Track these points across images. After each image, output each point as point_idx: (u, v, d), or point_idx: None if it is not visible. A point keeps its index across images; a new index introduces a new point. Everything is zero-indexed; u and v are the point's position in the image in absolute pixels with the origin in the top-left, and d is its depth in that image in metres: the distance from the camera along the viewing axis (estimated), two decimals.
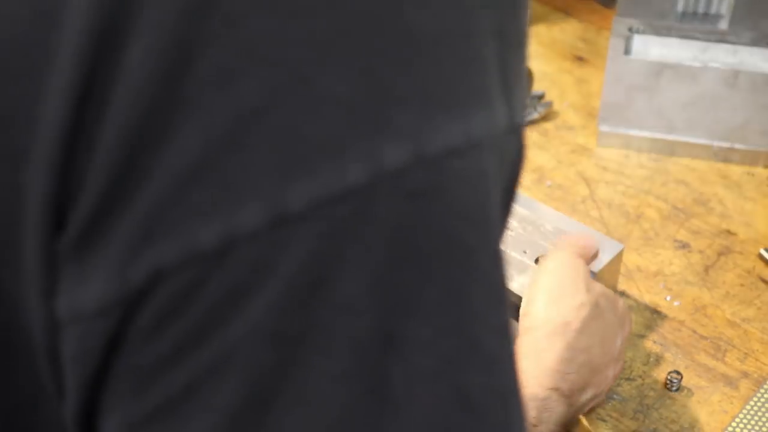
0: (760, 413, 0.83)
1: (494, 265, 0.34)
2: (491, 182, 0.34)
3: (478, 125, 0.33)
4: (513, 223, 0.85)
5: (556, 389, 0.68)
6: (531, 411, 0.66)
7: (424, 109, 0.32)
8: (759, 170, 1.09)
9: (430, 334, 0.32)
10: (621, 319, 0.75)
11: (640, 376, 0.86)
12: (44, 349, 0.34)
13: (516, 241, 0.84)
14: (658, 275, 0.96)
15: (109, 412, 0.33)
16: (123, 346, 0.32)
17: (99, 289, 0.32)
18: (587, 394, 0.71)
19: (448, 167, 0.32)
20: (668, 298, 0.93)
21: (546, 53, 1.27)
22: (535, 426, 0.66)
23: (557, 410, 0.68)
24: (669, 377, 0.84)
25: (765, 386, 0.85)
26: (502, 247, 0.36)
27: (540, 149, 1.12)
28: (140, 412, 0.32)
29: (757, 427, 0.81)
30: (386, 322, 0.32)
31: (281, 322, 0.31)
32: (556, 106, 1.17)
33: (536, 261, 0.84)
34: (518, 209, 0.87)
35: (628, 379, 0.85)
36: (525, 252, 0.82)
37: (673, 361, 0.87)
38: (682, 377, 0.84)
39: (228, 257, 0.30)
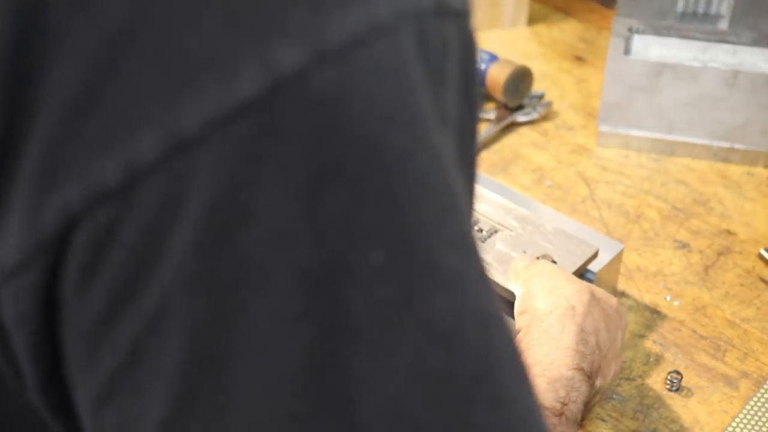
0: (760, 413, 0.83)
1: (436, 168, 0.30)
2: (415, 73, 0.30)
3: (384, 8, 0.29)
4: (513, 223, 0.86)
5: (579, 369, 0.68)
6: (560, 391, 0.66)
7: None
8: (759, 170, 1.09)
9: (382, 257, 0.29)
10: (619, 315, 0.76)
11: (640, 376, 0.86)
12: None
13: (516, 241, 0.84)
14: (658, 275, 0.96)
15: (75, 389, 0.32)
16: (60, 306, 0.30)
17: (15, 241, 0.30)
18: (598, 382, 0.71)
19: (354, 61, 0.29)
20: (668, 298, 0.93)
21: (546, 53, 1.27)
22: (565, 404, 0.66)
23: (583, 390, 0.68)
24: (669, 377, 0.84)
25: (765, 386, 0.85)
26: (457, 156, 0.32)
27: (540, 149, 1.12)
28: (98, 385, 0.31)
29: (757, 428, 0.81)
30: (329, 249, 0.29)
31: (208, 264, 0.28)
32: (556, 106, 1.17)
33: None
34: (518, 209, 0.87)
35: (628, 379, 0.85)
36: (525, 252, 0.82)
37: (673, 361, 0.87)
38: (682, 377, 0.84)
39: (134, 193, 0.28)
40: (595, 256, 0.84)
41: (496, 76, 1.14)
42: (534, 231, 0.84)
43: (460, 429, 0.31)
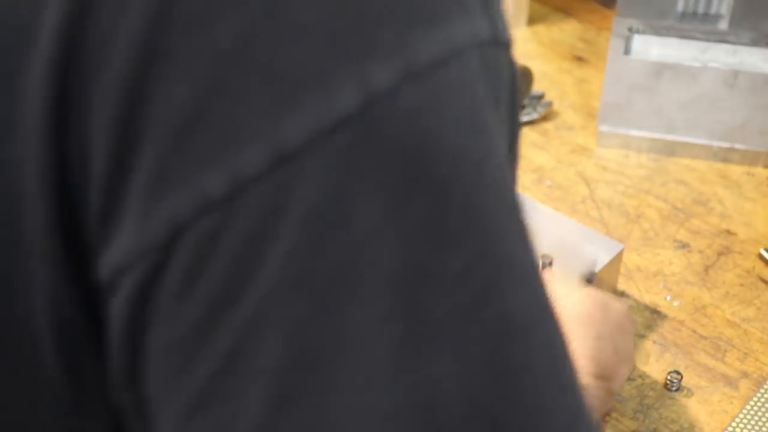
0: (760, 413, 0.83)
1: (503, 173, 0.34)
2: (482, 93, 0.33)
3: (459, 34, 0.32)
4: None
5: (597, 376, 0.69)
6: None
7: (403, 23, 0.31)
8: (759, 170, 1.09)
9: (463, 261, 0.31)
10: (628, 319, 0.76)
11: (640, 376, 0.86)
12: (51, 335, 0.34)
13: None
14: (658, 275, 0.96)
15: (162, 402, 0.33)
16: (157, 315, 0.32)
17: (123, 246, 0.32)
18: (612, 386, 0.72)
19: (437, 80, 0.31)
20: (668, 298, 0.93)
21: (546, 53, 1.27)
22: None
23: (600, 396, 0.68)
24: (669, 377, 0.84)
25: (765, 386, 0.85)
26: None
27: (540, 149, 1.12)
28: (192, 393, 0.32)
29: (757, 428, 0.82)
30: (414, 254, 0.31)
31: (305, 270, 0.30)
32: (556, 106, 1.17)
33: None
34: None
35: (628, 379, 0.85)
36: None
37: (673, 361, 0.87)
38: (682, 377, 0.84)
39: (238, 204, 0.30)
40: (593, 271, 0.84)
41: None
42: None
43: (535, 418, 0.32)
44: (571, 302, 0.73)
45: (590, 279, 0.83)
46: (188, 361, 0.32)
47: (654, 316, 0.92)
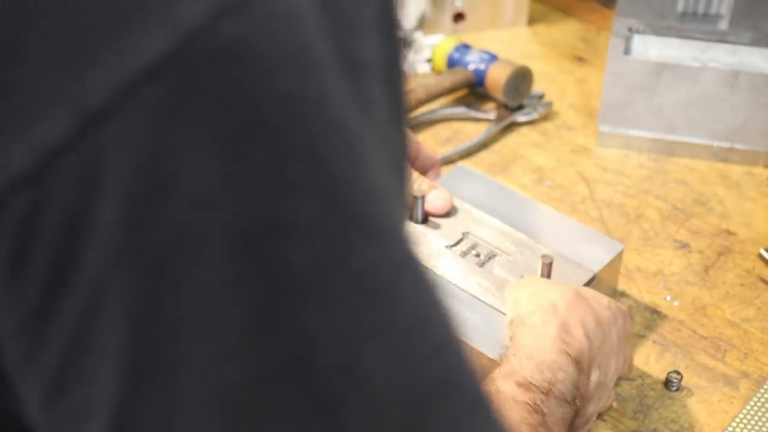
0: (760, 413, 0.83)
1: (348, 120, 0.30)
2: (318, 23, 0.30)
3: None
4: (511, 247, 0.85)
5: (564, 353, 0.69)
6: (546, 373, 0.67)
7: None
8: (759, 170, 1.09)
9: (313, 210, 0.29)
10: (613, 313, 0.76)
11: (640, 376, 0.86)
12: None
13: (513, 266, 0.83)
14: (658, 275, 0.96)
15: (23, 387, 0.31)
16: None
17: None
18: (594, 375, 0.71)
19: (258, 10, 0.28)
20: (668, 298, 0.93)
21: (546, 53, 1.27)
22: (552, 384, 0.66)
23: (570, 371, 0.68)
24: (669, 377, 0.84)
25: (765, 386, 0.85)
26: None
27: (540, 149, 1.12)
28: (47, 378, 0.30)
29: (757, 428, 0.81)
30: (257, 207, 0.28)
31: (137, 239, 0.28)
32: (556, 106, 1.17)
33: None
34: (516, 233, 0.86)
35: (628, 379, 0.85)
36: (522, 276, 0.82)
37: (673, 361, 0.87)
38: (682, 377, 0.84)
39: (51, 177, 0.27)
40: (592, 280, 0.84)
41: (496, 76, 1.14)
42: (531, 256, 0.84)
43: (408, 378, 0.31)
44: (543, 297, 0.73)
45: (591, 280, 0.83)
46: (36, 347, 0.30)
47: (654, 316, 0.92)
